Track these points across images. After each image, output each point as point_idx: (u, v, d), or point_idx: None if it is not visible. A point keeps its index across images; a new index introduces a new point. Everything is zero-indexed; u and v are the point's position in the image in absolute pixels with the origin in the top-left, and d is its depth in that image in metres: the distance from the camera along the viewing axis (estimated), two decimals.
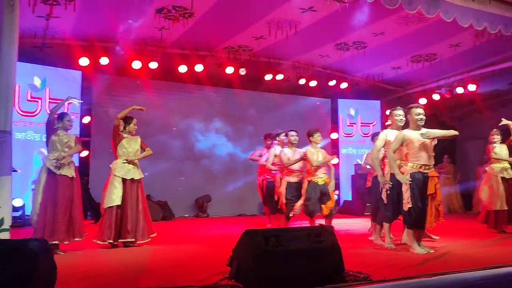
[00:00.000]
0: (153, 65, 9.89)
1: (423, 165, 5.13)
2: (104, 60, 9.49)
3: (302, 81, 11.57)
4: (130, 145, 6.15)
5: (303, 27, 8.73)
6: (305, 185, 6.69)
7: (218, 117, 11.34)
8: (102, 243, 5.64)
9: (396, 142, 5.24)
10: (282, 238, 3.43)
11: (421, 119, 5.21)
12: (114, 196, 5.79)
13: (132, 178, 5.98)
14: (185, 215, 10.64)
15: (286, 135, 7.36)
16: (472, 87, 11.36)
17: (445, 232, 7.05)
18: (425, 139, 5.12)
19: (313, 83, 11.68)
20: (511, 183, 7.27)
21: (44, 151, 6.13)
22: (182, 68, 10.20)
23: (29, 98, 9.12)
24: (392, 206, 5.40)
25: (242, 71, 10.70)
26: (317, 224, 3.86)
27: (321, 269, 3.42)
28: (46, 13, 7.93)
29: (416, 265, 4.23)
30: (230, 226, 8.48)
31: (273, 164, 7.48)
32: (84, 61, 9.35)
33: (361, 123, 12.85)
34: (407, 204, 5.09)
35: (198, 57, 10.25)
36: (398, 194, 5.27)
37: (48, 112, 9.14)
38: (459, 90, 11.64)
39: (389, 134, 5.65)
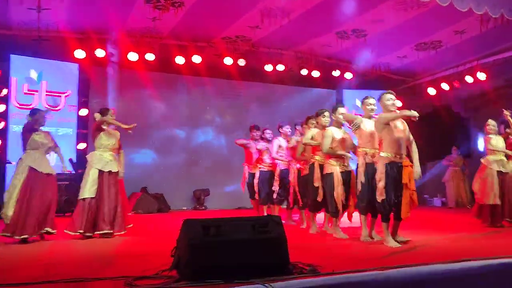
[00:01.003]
0: (150, 56, 9.84)
1: (397, 154, 4.92)
2: (100, 52, 9.49)
3: (304, 72, 11.33)
4: (109, 139, 6.09)
5: (296, 14, 8.54)
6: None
7: (217, 109, 11.21)
8: (74, 233, 5.60)
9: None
10: (223, 228, 3.28)
11: (392, 104, 5.06)
12: (88, 188, 5.74)
13: (110, 171, 5.92)
14: (183, 208, 10.58)
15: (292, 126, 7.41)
16: (481, 76, 10.90)
17: (437, 225, 6.78)
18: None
19: (316, 74, 11.43)
20: (506, 178, 6.88)
21: None
22: (180, 60, 10.12)
23: (25, 91, 9.18)
24: (367, 197, 5.16)
25: (241, 62, 10.55)
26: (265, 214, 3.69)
27: (263, 260, 3.26)
28: (36, 5, 7.98)
29: (380, 258, 4.01)
30: None
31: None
32: (80, 54, 9.36)
33: None
34: (380, 195, 4.86)
35: (196, 48, 10.16)
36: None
37: (46, 105, 9.25)
38: (468, 79, 11.18)
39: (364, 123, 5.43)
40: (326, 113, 6.25)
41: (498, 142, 7.01)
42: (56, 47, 9.34)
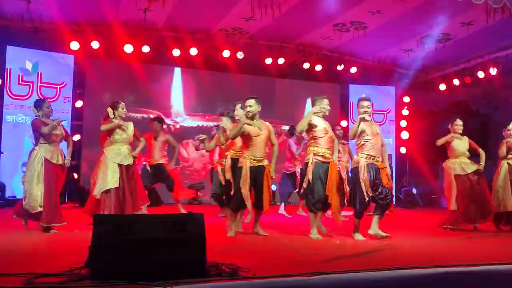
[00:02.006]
0: (145, 48, 9.76)
1: (373, 156, 5.30)
2: (95, 44, 9.46)
3: (306, 65, 11.02)
4: (124, 132, 5.89)
5: (288, 6, 8.26)
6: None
7: (215, 102, 11.00)
8: None
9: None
10: (136, 225, 3.09)
11: (364, 111, 5.44)
12: (110, 179, 5.57)
13: (129, 164, 5.78)
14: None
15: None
16: (493, 71, 10.32)
17: (419, 226, 6.42)
18: None
19: (318, 67, 11.10)
20: (473, 178, 6.41)
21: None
22: (176, 52, 9.99)
23: (20, 82, 9.23)
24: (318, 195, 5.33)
25: (240, 55, 10.33)
26: (186, 212, 3.47)
27: (177, 260, 3.05)
28: None
29: (322, 261, 3.71)
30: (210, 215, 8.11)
31: None
32: (75, 45, 9.35)
33: (374, 110, 11.99)
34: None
35: (193, 40, 10.00)
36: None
37: (40, 96, 9.28)
38: (480, 74, 10.61)
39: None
40: (237, 106, 6.08)
41: (459, 144, 6.58)
42: (52, 38, 9.36)
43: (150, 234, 3.08)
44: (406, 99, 12.20)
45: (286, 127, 11.58)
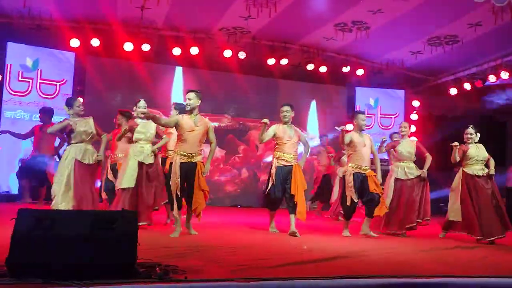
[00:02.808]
0: (146, 47, 9.69)
1: (360, 165, 5.88)
2: (95, 42, 9.45)
3: (310, 67, 10.76)
4: (146, 128, 5.84)
5: (285, 4, 8.06)
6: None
7: (216, 103, 10.87)
8: None
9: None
10: (59, 221, 2.95)
11: (364, 124, 6.12)
12: (128, 178, 5.54)
13: (150, 163, 5.74)
14: None
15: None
16: (505, 75, 9.86)
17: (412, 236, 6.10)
18: None
19: (323, 69, 10.83)
20: (410, 184, 6.35)
21: None
22: (176, 51, 9.90)
23: (20, 78, 9.29)
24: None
25: (242, 55, 10.16)
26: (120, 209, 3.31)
27: (102, 260, 2.89)
28: None
29: (268, 267, 3.46)
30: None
31: None
32: (75, 43, 9.36)
33: (381, 114, 11.73)
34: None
35: (194, 40, 9.88)
36: None
37: (40, 93, 9.34)
38: (492, 78, 10.16)
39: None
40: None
41: (403, 146, 6.51)
42: (53, 36, 9.39)
43: (73, 230, 2.93)
44: (416, 103, 11.80)
45: None
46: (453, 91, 11.19)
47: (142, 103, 5.86)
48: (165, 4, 8.19)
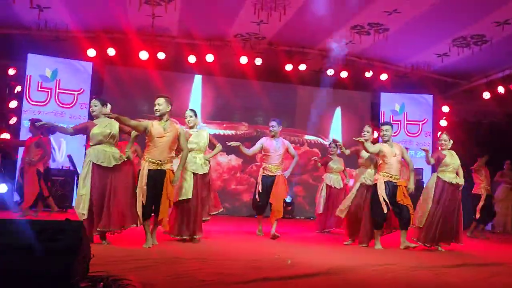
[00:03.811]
0: (161, 55, 9.70)
1: (391, 175, 5.83)
2: (111, 51, 9.54)
3: (330, 72, 10.41)
4: (199, 139, 5.82)
5: (295, 8, 7.82)
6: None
7: (233, 110, 10.70)
8: (173, 236, 5.51)
9: None
10: (3, 230, 2.83)
11: (383, 135, 5.95)
12: (186, 191, 5.49)
13: (205, 173, 5.71)
14: None
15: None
16: None
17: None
18: None
19: (344, 74, 10.46)
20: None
21: None
22: (191, 59, 9.84)
23: (39, 88, 9.49)
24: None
25: (258, 61, 9.97)
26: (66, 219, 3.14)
27: (36, 271, 2.72)
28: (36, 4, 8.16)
29: (235, 283, 3.19)
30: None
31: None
32: (91, 52, 9.50)
33: (407, 120, 11.16)
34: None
35: (210, 47, 9.79)
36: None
37: (59, 103, 9.50)
38: None
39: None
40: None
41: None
42: (71, 46, 9.55)
43: (11, 241, 2.79)
44: (446, 109, 11.15)
45: (310, 137, 11.05)
46: (486, 95, 10.49)
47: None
48: (173, 10, 8.16)
